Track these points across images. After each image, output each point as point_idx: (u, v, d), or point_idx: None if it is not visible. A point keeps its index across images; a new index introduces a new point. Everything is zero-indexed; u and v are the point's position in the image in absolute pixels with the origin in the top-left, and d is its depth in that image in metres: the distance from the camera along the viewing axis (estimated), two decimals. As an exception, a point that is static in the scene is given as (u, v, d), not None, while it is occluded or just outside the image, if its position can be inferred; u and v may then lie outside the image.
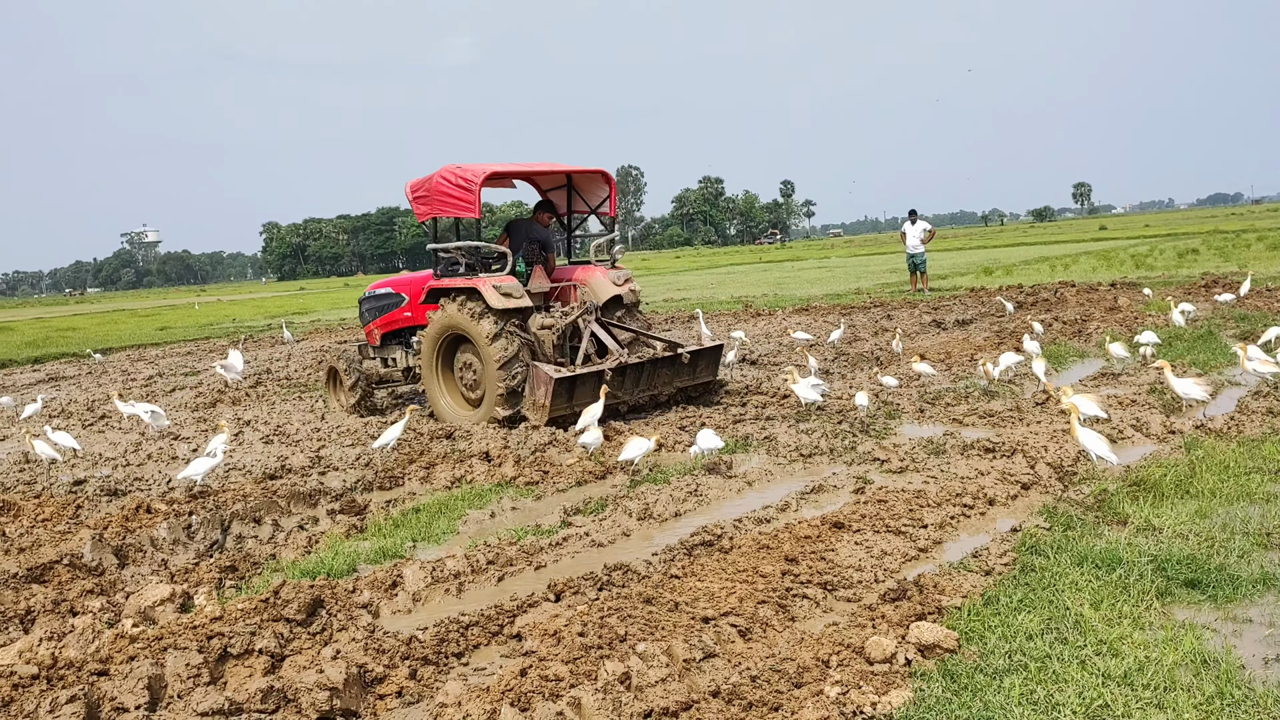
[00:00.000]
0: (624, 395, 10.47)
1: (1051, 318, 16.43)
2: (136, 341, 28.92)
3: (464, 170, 10.76)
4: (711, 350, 11.33)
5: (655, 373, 10.73)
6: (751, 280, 39.22)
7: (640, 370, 10.54)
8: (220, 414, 13.06)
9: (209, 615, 5.34)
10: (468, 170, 10.74)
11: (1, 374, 22.57)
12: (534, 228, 11.90)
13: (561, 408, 10.02)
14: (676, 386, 11.04)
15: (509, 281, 10.56)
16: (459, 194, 10.77)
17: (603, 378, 10.01)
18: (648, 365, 10.60)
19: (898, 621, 4.76)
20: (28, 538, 7.27)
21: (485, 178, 10.71)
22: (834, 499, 7.21)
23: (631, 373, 10.47)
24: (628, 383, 10.48)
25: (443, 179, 10.87)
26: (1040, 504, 6.66)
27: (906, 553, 5.89)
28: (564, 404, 10.02)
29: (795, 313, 21.94)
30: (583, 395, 10.02)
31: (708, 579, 5.54)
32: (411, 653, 4.84)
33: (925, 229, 25.05)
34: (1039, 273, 29.14)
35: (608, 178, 11.83)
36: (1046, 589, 5.03)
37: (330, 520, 7.51)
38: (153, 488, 8.88)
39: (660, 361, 10.70)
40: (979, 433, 8.76)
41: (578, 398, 10.03)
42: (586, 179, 12.05)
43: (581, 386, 10.05)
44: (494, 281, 10.47)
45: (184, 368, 20.30)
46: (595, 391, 9.83)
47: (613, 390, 10.05)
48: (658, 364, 10.70)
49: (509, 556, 6.27)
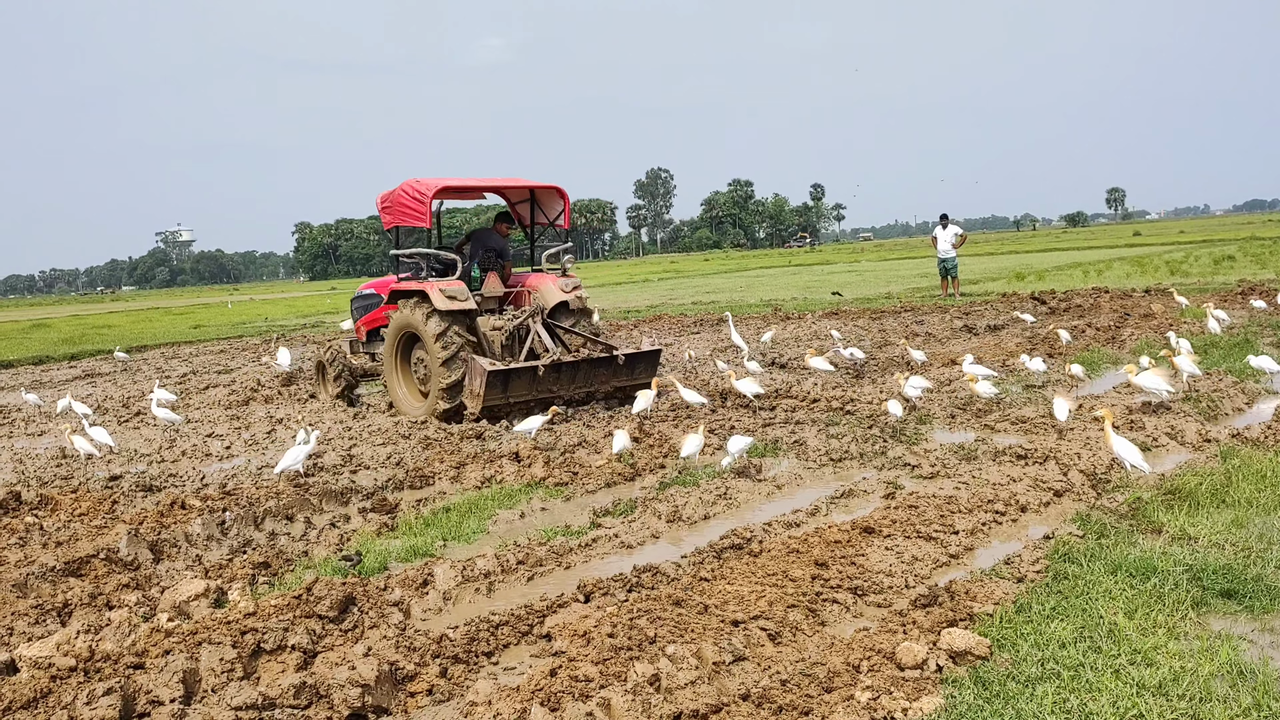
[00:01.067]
0: (560, 391, 11.31)
1: (1085, 324, 16.29)
2: (170, 339, 29.25)
3: (420, 184, 11.74)
4: (649, 354, 12.09)
5: (592, 372, 11.55)
6: (781, 284, 39.13)
7: (575, 369, 11.36)
8: (253, 412, 13.19)
9: (243, 611, 5.40)
10: (423, 184, 11.73)
11: (39, 370, 22.91)
12: (492, 237, 12.94)
13: (496, 398, 10.86)
14: (614, 385, 11.78)
15: (456, 286, 11.39)
16: (414, 205, 11.73)
17: (536, 373, 10.93)
18: (583, 364, 11.43)
19: (929, 627, 4.74)
20: (65, 532, 7.37)
21: (436, 191, 11.71)
22: (864, 504, 7.18)
23: (567, 370, 11.29)
24: (563, 379, 11.30)
25: (403, 191, 11.86)
26: (1073, 511, 6.60)
27: (937, 558, 5.86)
28: (499, 395, 10.87)
29: (825, 316, 21.86)
30: (517, 388, 10.96)
31: (737, 582, 5.53)
32: (442, 651, 4.87)
33: (957, 233, 24.91)
34: (1072, 278, 28.90)
35: (562, 193, 12.64)
36: (1080, 597, 4.99)
37: (362, 518, 7.57)
38: (187, 484, 8.99)
39: (597, 362, 11.51)
40: (1011, 439, 8.70)
41: (512, 389, 10.92)
42: (545, 194, 12.85)
43: (515, 380, 10.91)
44: (441, 286, 11.30)
45: (217, 366, 20.50)
46: (529, 386, 10.96)
47: (549, 386, 11.11)
48: (595, 364, 11.52)
49: (539, 557, 6.30)
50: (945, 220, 25.15)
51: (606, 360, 11.57)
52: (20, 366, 23.98)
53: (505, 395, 10.89)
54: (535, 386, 11.00)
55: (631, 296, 36.82)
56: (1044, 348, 13.87)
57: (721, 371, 12.86)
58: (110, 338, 31.13)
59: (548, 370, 11.03)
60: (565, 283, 12.16)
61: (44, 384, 19.17)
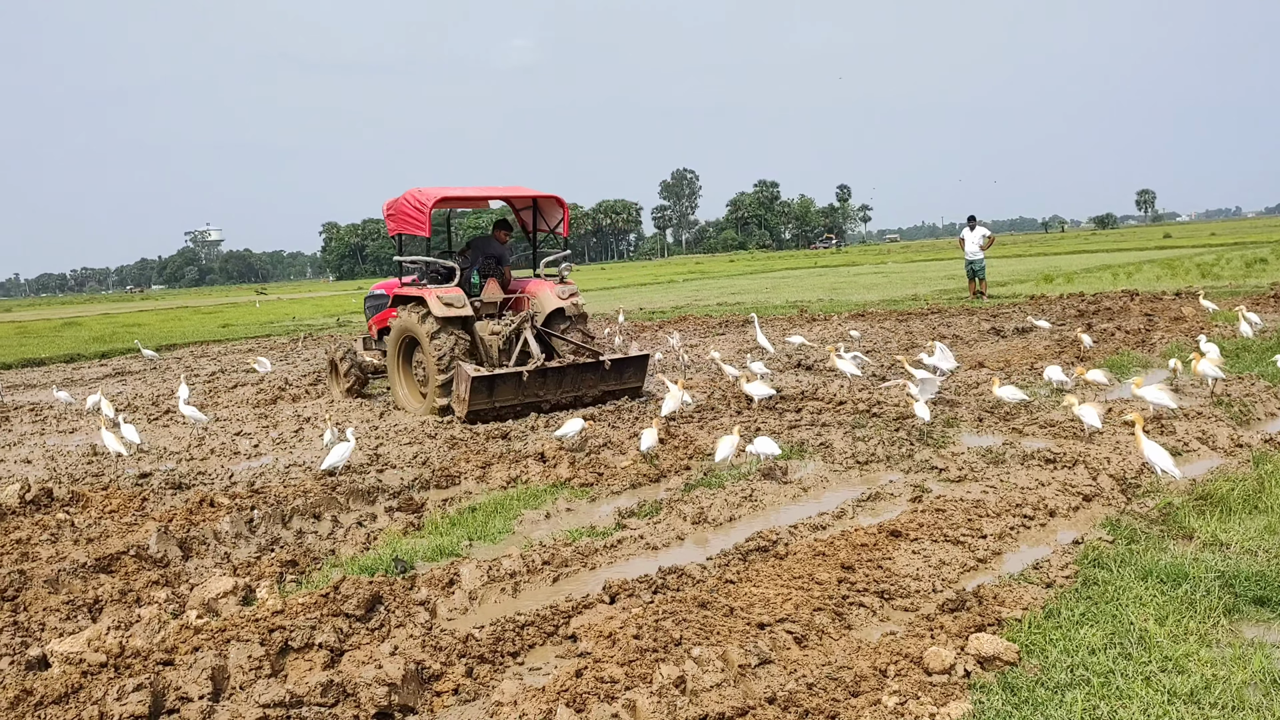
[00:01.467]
0: (546, 395, 11.60)
1: (1114, 327, 16.14)
2: (199, 338, 29.50)
3: (421, 194, 12.13)
4: (637, 359, 12.36)
5: (579, 377, 11.82)
6: (807, 285, 39.00)
7: (562, 374, 11.63)
8: (280, 410, 13.28)
9: (270, 609, 5.43)
10: (424, 194, 12.12)
11: (70, 368, 23.16)
12: (492, 244, 13.32)
13: (481, 403, 11.13)
14: (601, 390, 12.05)
15: (453, 292, 11.82)
16: (415, 214, 12.14)
17: (521, 378, 11.22)
18: (570, 369, 11.72)
19: (956, 632, 4.71)
20: (96, 529, 7.45)
21: (436, 201, 12.07)
22: (891, 507, 7.15)
23: (553, 375, 11.55)
24: (549, 384, 11.59)
25: (405, 200, 12.28)
26: (1103, 516, 6.54)
27: (965, 563, 5.82)
28: (484, 399, 11.13)
29: (851, 318, 21.77)
30: (503, 393, 11.23)
31: (763, 585, 5.52)
32: (468, 651, 4.88)
33: (984, 235, 24.74)
34: (1101, 281, 28.65)
35: (561, 202, 12.98)
36: (1110, 603, 4.95)
37: (388, 517, 7.60)
38: (216, 482, 9.06)
39: (584, 367, 11.79)
40: (1039, 443, 8.64)
41: (498, 394, 11.19)
42: (546, 202, 13.14)
43: (501, 385, 11.18)
44: (439, 292, 11.76)
45: (244, 365, 20.66)
46: (515, 390, 11.26)
47: (535, 391, 11.43)
48: (581, 369, 11.80)
49: (564, 557, 6.30)
50: (973, 222, 24.99)
51: (593, 365, 11.85)
52: (52, 364, 24.26)
53: (491, 400, 11.19)
54: (521, 391, 11.31)
55: (656, 297, 36.81)
56: (1073, 351, 13.76)
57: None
58: (140, 336, 31.45)
59: (534, 375, 11.31)
60: (562, 289, 12.50)
61: (75, 382, 19.38)
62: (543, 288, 12.62)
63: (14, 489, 8.27)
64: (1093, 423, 8.55)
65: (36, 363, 24.37)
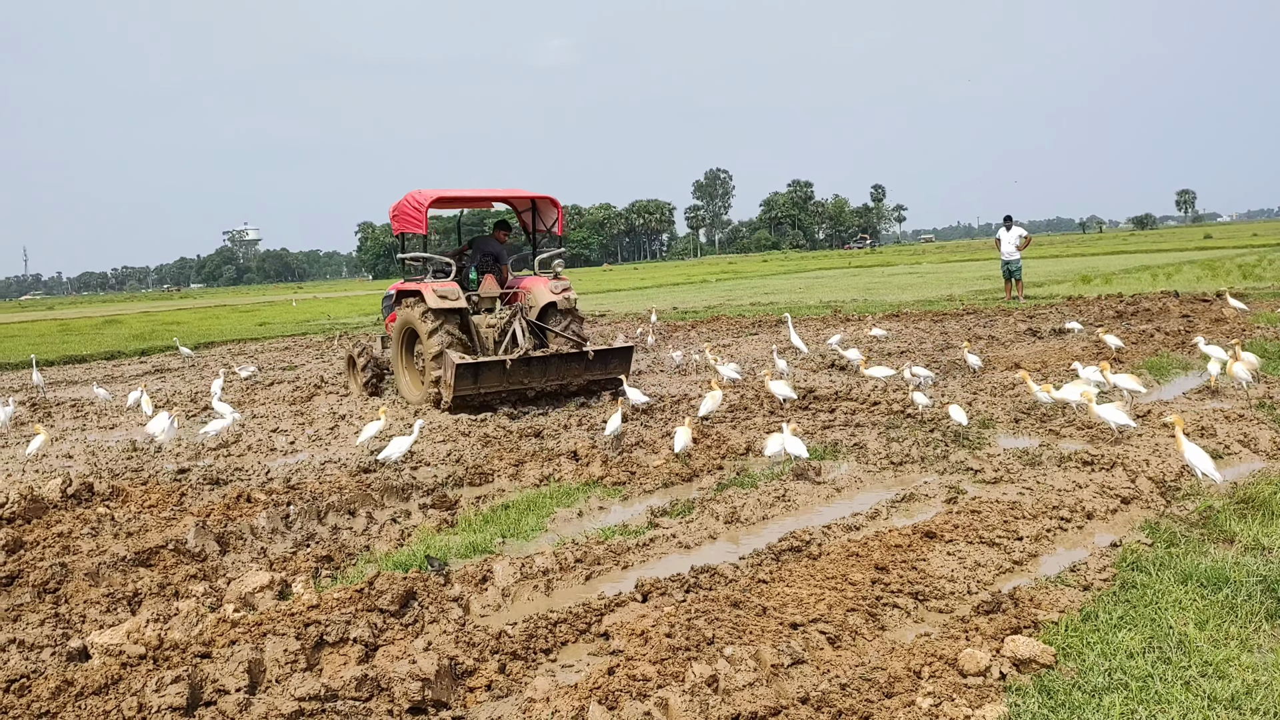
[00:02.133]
0: (531, 383, 12.19)
1: (1153, 328, 15.94)
2: (237, 336, 29.82)
3: (420, 194, 12.91)
4: (622, 350, 12.98)
5: (564, 367, 12.41)
6: (841, 285, 38.82)
7: (547, 363, 12.19)
8: (316, 407, 13.40)
9: (306, 603, 5.48)
10: (422, 195, 12.89)
11: (111, 365, 23.50)
12: (490, 243, 14.23)
13: (467, 389, 11.75)
14: (586, 379, 12.64)
15: (449, 287, 12.41)
16: (414, 214, 12.90)
17: (504, 366, 11.81)
18: (555, 359, 12.27)
19: (992, 634, 4.67)
20: (135, 523, 7.55)
21: (432, 200, 12.86)
22: (925, 508, 7.10)
23: (538, 364, 12.12)
24: (534, 373, 12.16)
25: (405, 201, 13.03)
26: (1141, 519, 6.46)
27: (1000, 565, 5.77)
28: (469, 385, 11.74)
29: (886, 319, 21.64)
30: (488, 380, 11.82)
31: (796, 585, 5.50)
32: (501, 647, 4.90)
33: (1021, 235, 24.50)
34: (1140, 282, 28.30)
35: (555, 203, 13.86)
36: (1148, 607, 4.88)
37: (422, 514, 7.65)
38: (252, 478, 9.15)
39: (569, 357, 12.37)
40: (1076, 445, 8.54)
41: (483, 381, 11.79)
42: (542, 203, 13.98)
43: (485, 372, 11.78)
44: (435, 286, 12.33)
45: (282, 362, 20.86)
46: (500, 378, 11.82)
47: (520, 379, 12.03)
48: (566, 359, 12.37)
49: (596, 555, 6.31)
50: (1009, 222, 24.76)
51: (578, 356, 12.39)
52: (93, 361, 24.62)
53: (476, 386, 11.79)
54: (506, 379, 11.89)
55: (689, 297, 36.77)
56: (1109, 354, 13.59)
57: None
58: (179, 334, 31.85)
59: (519, 363, 11.90)
60: (555, 285, 13.18)
61: (115, 379, 19.65)
62: (537, 283, 13.27)
63: (56, 483, 8.39)
64: (1121, 420, 8.45)
65: (78, 359, 24.73)
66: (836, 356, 14.69)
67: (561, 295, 13.03)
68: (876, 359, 14.35)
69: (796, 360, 15.16)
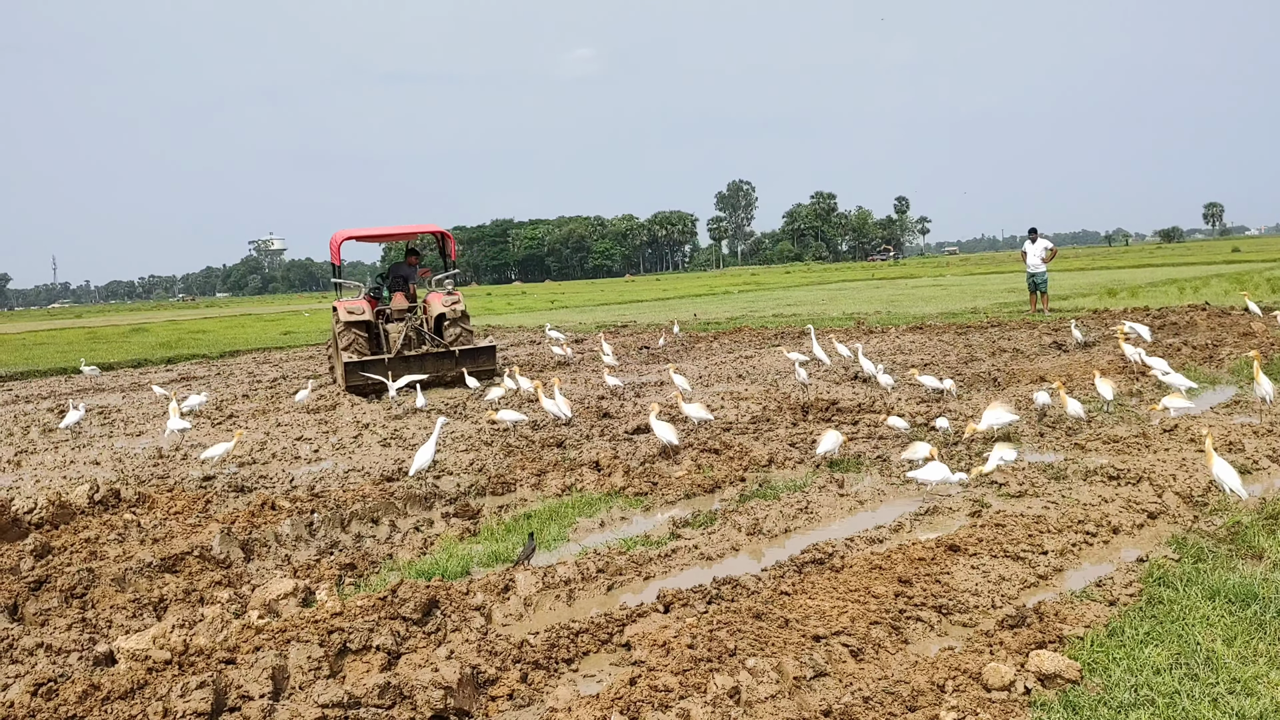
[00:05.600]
0: (411, 374, 15.05)
1: (1181, 342, 15.80)
2: (262, 345, 30.03)
3: (337, 234, 17.50)
4: (485, 349, 16.67)
5: (437, 363, 16.05)
6: (864, 297, 38.71)
7: (423, 360, 15.94)
8: (340, 416, 13.47)
9: (330, 611, 5.51)
10: (338, 235, 17.51)
11: (137, 373, 23.71)
12: (401, 267, 18.19)
13: (355, 380, 15.41)
14: (458, 371, 15.78)
15: (357, 304, 16.67)
16: (333, 249, 17.73)
17: (383, 363, 15.58)
18: (429, 357, 16.05)
19: (1016, 649, 4.63)
20: (161, 529, 7.62)
21: (342, 240, 17.53)
22: (949, 521, 7.06)
23: (415, 361, 15.87)
24: (412, 367, 15.67)
25: (332, 238, 17.53)
26: (1168, 534, 6.40)
27: (1025, 579, 5.73)
28: (357, 378, 15.37)
29: (909, 331, 21.56)
30: (374, 373, 15.35)
31: (818, 597, 5.48)
32: (523, 656, 4.91)
33: (1046, 248, 24.36)
34: (1166, 295, 28.05)
35: (448, 235, 18.22)
36: (1175, 622, 4.84)
37: (445, 523, 7.67)
38: (277, 485, 9.21)
39: (440, 355, 16.10)
40: (1102, 459, 8.47)
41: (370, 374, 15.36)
42: (442, 236, 18.28)
43: (370, 368, 15.48)
44: (345, 304, 16.66)
45: (306, 371, 20.99)
46: (383, 371, 15.32)
47: (400, 371, 15.36)
48: (439, 356, 16.10)
49: (618, 566, 6.31)
50: (1034, 234, 24.63)
51: (448, 354, 16.08)
52: (120, 369, 24.86)
53: (365, 378, 15.33)
54: (387, 372, 15.28)
55: (711, 308, 36.76)
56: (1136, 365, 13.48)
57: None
58: (205, 343, 32.10)
59: (396, 360, 15.69)
60: (447, 299, 16.78)
61: (142, 386, 19.83)
62: (434, 298, 17.00)
63: (83, 489, 8.48)
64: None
65: (105, 367, 24.97)
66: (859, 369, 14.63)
67: (450, 307, 16.60)
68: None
69: (819, 372, 15.13)
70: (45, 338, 41.44)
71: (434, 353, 16.01)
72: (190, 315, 69.07)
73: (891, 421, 9.88)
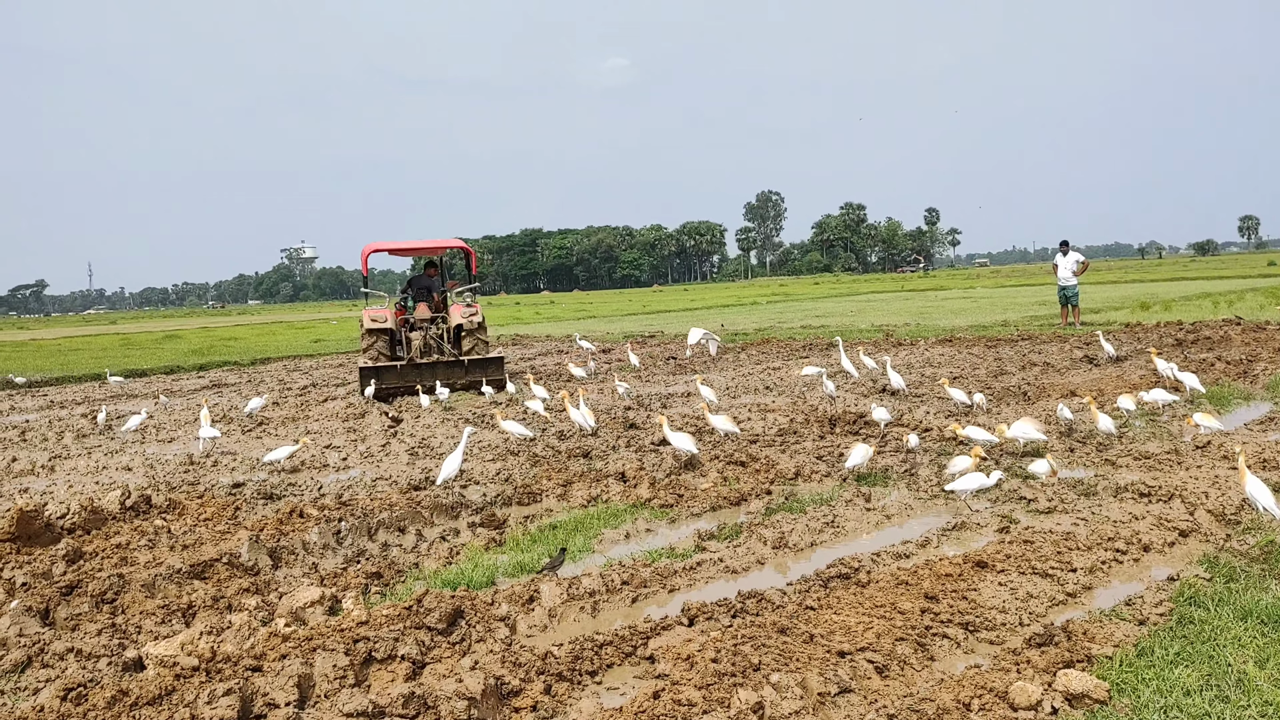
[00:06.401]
0: (422, 381, 16.36)
1: (1214, 357, 15.62)
2: (292, 353, 30.28)
3: (367, 246, 18.47)
4: (494, 360, 17.26)
5: (448, 370, 16.82)
6: (893, 309, 38.52)
7: (434, 367, 16.82)
8: (368, 425, 13.56)
9: (356, 619, 5.54)
10: (367, 247, 18.46)
11: (170, 379, 23.97)
12: (424, 279, 19.03)
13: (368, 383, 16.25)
14: (468, 380, 16.86)
15: (381, 313, 17.57)
16: (363, 260, 18.69)
17: (397, 369, 16.60)
18: (440, 365, 16.89)
19: (1044, 668, 4.59)
20: (190, 536, 7.68)
21: (372, 251, 18.59)
22: (977, 537, 7.00)
23: (427, 368, 16.77)
24: (424, 374, 16.63)
25: (364, 249, 18.53)
26: (1200, 553, 6.32)
27: (1054, 596, 5.68)
28: (373, 381, 16.27)
29: (939, 344, 21.43)
30: (387, 378, 16.52)
31: (844, 612, 5.45)
32: (547, 668, 4.91)
33: (1078, 260, 24.18)
34: (1200, 309, 27.74)
35: (468, 249, 19.73)
36: (1206, 643, 4.78)
37: (470, 533, 7.70)
38: (305, 493, 9.27)
39: (451, 363, 16.96)
40: (1133, 475, 8.38)
41: (383, 380, 16.45)
42: (460, 251, 19.86)
43: (385, 374, 16.56)
44: (370, 312, 17.61)
45: (336, 379, 21.14)
46: (397, 377, 16.55)
47: (414, 379, 16.50)
48: (450, 365, 16.94)
49: (643, 578, 6.31)
50: (1066, 247, 24.45)
51: (459, 363, 16.97)
52: (153, 375, 25.14)
53: (379, 384, 16.29)
54: (400, 377, 16.54)
55: (739, 319, 36.71)
56: (1169, 381, 13.33)
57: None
58: (236, 350, 32.40)
59: (408, 367, 16.68)
60: (465, 311, 17.59)
61: (174, 392, 20.04)
62: (455, 310, 17.80)
63: (115, 495, 8.57)
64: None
65: (139, 373, 25.26)
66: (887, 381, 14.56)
67: (468, 318, 17.43)
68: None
69: (847, 385, 15.07)
70: (80, 343, 41.99)
71: (445, 361, 16.95)
72: (222, 322, 69.77)
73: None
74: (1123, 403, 10.84)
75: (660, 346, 25.18)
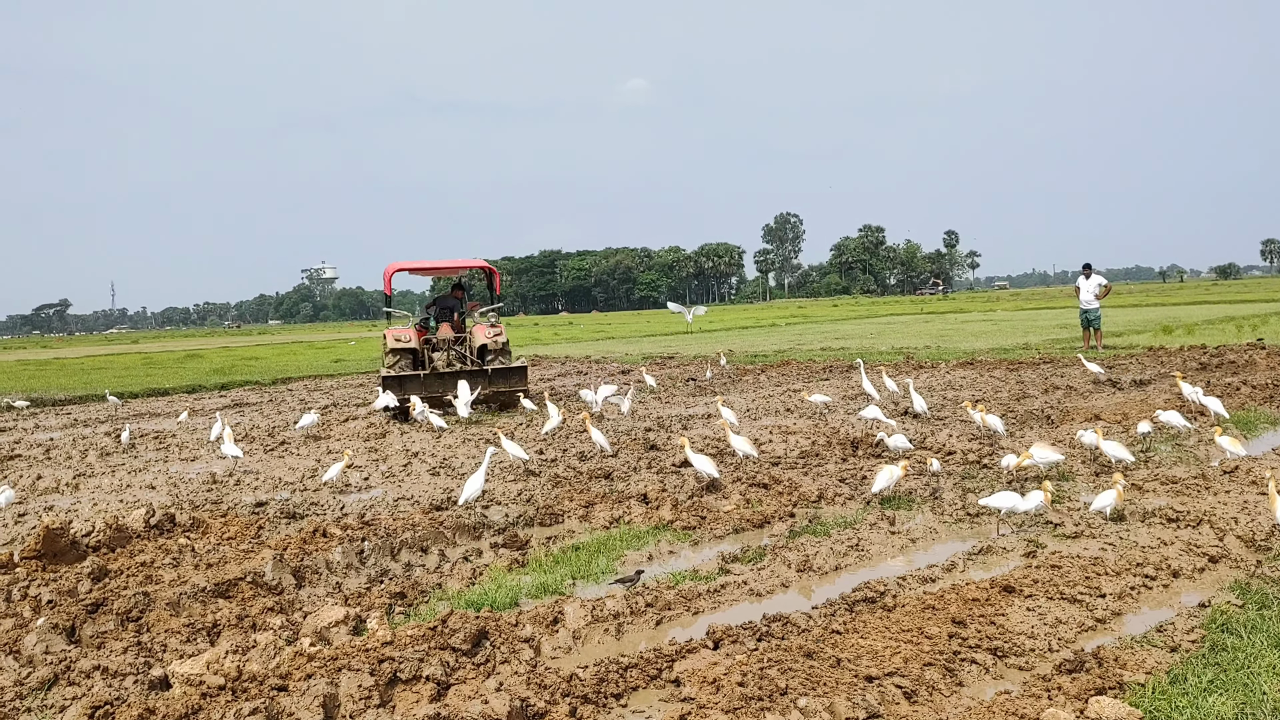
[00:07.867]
0: (444, 393, 16.56)
1: (1239, 381, 15.48)
2: (313, 373, 30.42)
3: (390, 266, 18.80)
4: (518, 369, 17.54)
5: (471, 381, 16.55)
6: (913, 331, 38.40)
7: (457, 378, 16.67)
8: (390, 444, 13.59)
9: (380, 639, 5.53)
10: (390, 267, 18.81)
11: (192, 398, 24.12)
12: (448, 299, 19.25)
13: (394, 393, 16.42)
14: (492, 390, 17.17)
15: (404, 332, 17.81)
16: (386, 279, 19.21)
17: (420, 379, 16.87)
18: (464, 375, 16.80)
19: (1075, 694, 4.54)
20: (215, 554, 7.70)
21: (395, 270, 18.85)
22: (1003, 562, 6.95)
23: (450, 378, 16.84)
24: (447, 385, 16.75)
25: (387, 269, 18.90)
26: (1230, 579, 6.25)
27: (1083, 622, 5.62)
28: (397, 391, 16.47)
29: (960, 366, 21.34)
30: (410, 388, 16.60)
31: (870, 636, 5.41)
32: (572, 690, 4.89)
33: (1100, 284, 24.08)
34: (1224, 333, 27.53)
35: (492, 270, 19.73)
36: (1240, 671, 4.71)
37: (493, 553, 7.69)
38: (328, 513, 9.30)
39: (474, 373, 17.01)
40: (1161, 500, 8.30)
41: (406, 389, 16.56)
42: (483, 271, 19.94)
43: (409, 383, 16.76)
44: (393, 332, 17.89)
45: (356, 399, 21.22)
46: (420, 387, 16.62)
47: (437, 389, 16.74)
48: (473, 374, 16.92)
49: (667, 600, 6.28)
50: (1088, 270, 24.36)
51: (481, 372, 17.08)
52: (175, 394, 25.30)
53: (403, 393, 16.41)
54: (424, 387, 16.71)
55: (758, 341, 36.66)
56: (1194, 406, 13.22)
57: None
58: (258, 369, 32.58)
59: (430, 377, 16.98)
60: (489, 331, 18.02)
61: (196, 411, 20.16)
62: (479, 330, 18.15)
63: (139, 514, 8.61)
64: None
65: (160, 392, 25.43)
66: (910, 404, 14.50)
67: (492, 338, 17.88)
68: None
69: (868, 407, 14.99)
70: (103, 362, 42.33)
71: (467, 370, 17.11)
72: (243, 342, 70.21)
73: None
74: (1142, 428, 10.76)
75: (679, 368, 25.17)
